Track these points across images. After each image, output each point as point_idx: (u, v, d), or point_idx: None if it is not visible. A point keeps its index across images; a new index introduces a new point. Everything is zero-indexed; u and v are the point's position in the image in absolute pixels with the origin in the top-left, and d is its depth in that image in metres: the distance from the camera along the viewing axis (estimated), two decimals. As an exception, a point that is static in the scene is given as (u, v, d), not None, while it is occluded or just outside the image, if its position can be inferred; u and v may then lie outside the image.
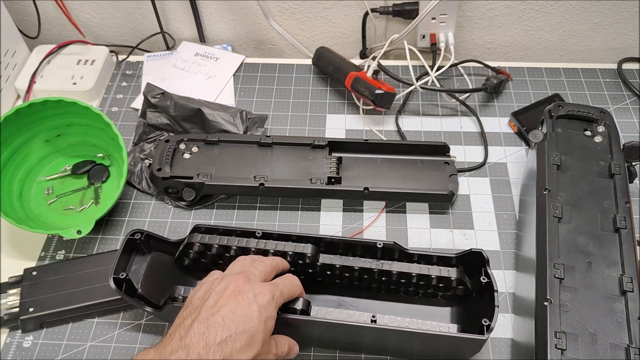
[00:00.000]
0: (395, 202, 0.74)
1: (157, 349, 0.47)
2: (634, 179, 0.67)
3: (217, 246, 0.62)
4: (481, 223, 0.72)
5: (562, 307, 0.54)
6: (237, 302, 0.48)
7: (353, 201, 0.74)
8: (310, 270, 0.62)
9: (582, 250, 0.58)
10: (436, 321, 0.58)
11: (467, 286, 0.60)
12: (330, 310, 0.59)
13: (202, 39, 0.96)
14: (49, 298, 0.63)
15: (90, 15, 0.95)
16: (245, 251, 0.62)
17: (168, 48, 0.96)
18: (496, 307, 0.54)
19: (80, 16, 0.95)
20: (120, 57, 0.93)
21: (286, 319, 0.56)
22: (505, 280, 0.67)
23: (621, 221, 0.59)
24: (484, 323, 0.54)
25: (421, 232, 0.71)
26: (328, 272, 0.62)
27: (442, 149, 0.76)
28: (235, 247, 0.62)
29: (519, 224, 0.71)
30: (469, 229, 0.71)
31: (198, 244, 0.62)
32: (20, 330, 0.64)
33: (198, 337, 0.46)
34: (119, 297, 0.58)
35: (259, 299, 0.49)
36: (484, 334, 0.53)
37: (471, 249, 0.59)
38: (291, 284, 0.55)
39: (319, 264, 0.61)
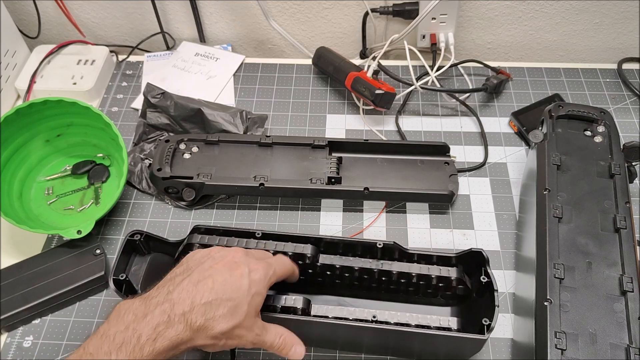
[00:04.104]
0: (395, 202, 0.74)
1: (142, 299, 0.48)
2: (634, 179, 0.67)
3: None
4: (481, 223, 0.72)
5: (562, 307, 0.54)
6: (230, 272, 0.49)
7: (353, 201, 0.74)
8: (310, 271, 0.62)
9: (582, 250, 0.58)
10: (436, 321, 0.58)
11: (467, 286, 0.60)
12: (330, 308, 0.59)
13: (202, 39, 0.96)
14: (4, 302, 0.63)
15: (90, 15, 0.95)
16: None
17: (168, 48, 0.96)
18: (496, 307, 0.54)
19: (80, 16, 0.95)
20: (120, 57, 0.93)
21: (286, 319, 0.56)
22: (505, 280, 0.67)
23: (621, 221, 0.59)
24: (484, 323, 0.54)
25: (421, 232, 0.71)
26: (328, 272, 0.62)
27: (442, 149, 0.75)
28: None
29: (519, 224, 0.71)
30: (469, 229, 0.71)
31: (198, 245, 0.62)
32: (20, 331, 0.64)
33: (186, 294, 0.47)
34: (74, 286, 0.59)
35: (253, 275, 0.50)
36: (484, 334, 0.53)
37: (471, 248, 0.59)
38: (283, 264, 0.56)
39: (318, 264, 0.61)
